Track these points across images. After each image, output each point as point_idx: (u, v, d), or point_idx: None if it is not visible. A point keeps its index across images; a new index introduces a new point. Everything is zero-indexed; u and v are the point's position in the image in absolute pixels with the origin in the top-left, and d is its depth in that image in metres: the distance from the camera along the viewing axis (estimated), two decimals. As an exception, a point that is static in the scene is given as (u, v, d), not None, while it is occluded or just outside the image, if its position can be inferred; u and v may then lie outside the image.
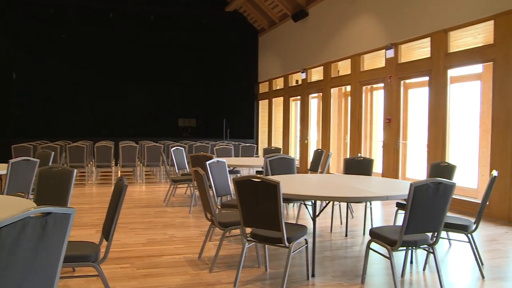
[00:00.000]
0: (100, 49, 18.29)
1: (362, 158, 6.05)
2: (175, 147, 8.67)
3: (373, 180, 4.93)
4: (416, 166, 8.90)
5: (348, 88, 10.89)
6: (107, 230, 3.02)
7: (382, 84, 9.36)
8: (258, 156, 12.34)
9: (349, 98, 10.75)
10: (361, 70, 10.13)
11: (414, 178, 8.36)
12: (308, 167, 8.55)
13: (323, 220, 6.18)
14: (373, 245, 3.73)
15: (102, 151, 10.03)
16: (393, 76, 8.91)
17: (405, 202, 3.32)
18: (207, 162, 4.91)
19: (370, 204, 5.83)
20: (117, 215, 2.96)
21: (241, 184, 3.42)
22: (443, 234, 4.60)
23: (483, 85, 7.28)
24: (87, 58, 18.18)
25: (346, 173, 5.89)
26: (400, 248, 3.39)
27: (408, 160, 8.99)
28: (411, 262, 4.29)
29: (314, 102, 13.04)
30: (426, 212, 3.29)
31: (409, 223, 3.25)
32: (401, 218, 3.41)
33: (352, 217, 6.45)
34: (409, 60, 8.61)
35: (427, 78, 7.99)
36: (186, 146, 10.59)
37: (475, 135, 7.45)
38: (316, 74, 12.62)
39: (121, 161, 10.20)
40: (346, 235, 5.46)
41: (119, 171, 11.40)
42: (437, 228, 3.41)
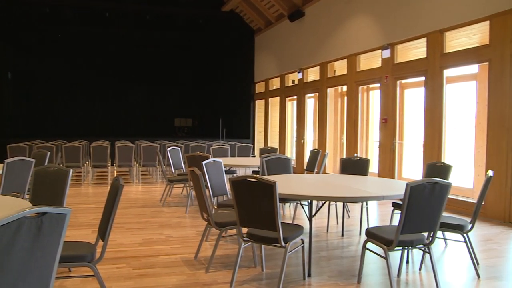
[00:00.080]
0: (96, 49, 18.23)
1: (358, 158, 6.06)
2: (172, 147, 8.67)
3: (369, 180, 4.94)
4: (412, 166, 8.92)
5: (345, 88, 10.90)
6: (103, 230, 3.01)
7: (378, 84, 9.38)
8: (255, 156, 12.34)
9: (346, 98, 10.76)
10: (357, 70, 10.15)
11: (410, 178, 8.38)
12: (305, 167, 8.56)
13: (320, 220, 6.19)
14: (369, 245, 3.74)
15: (98, 151, 10.01)
16: (389, 76, 8.93)
17: (401, 202, 3.33)
18: (204, 162, 4.92)
19: (366, 204, 5.83)
20: (113, 215, 2.96)
21: (238, 184, 3.42)
22: (439, 234, 4.62)
23: (479, 85, 7.31)
24: (83, 58, 18.12)
25: (342, 173, 5.90)
26: (396, 248, 3.40)
27: (404, 160, 9.02)
28: (407, 262, 4.30)
29: (311, 102, 13.06)
30: (422, 212, 3.30)
31: (405, 223, 3.26)
32: (397, 218, 3.42)
33: (348, 217, 6.46)
34: (405, 60, 8.63)
35: (423, 78, 8.02)
36: (183, 146, 10.58)
37: (471, 135, 7.48)
38: (313, 74, 12.63)
39: (117, 161, 10.18)
40: (343, 235, 5.47)
41: (115, 171, 11.38)
42: (433, 228, 3.42)
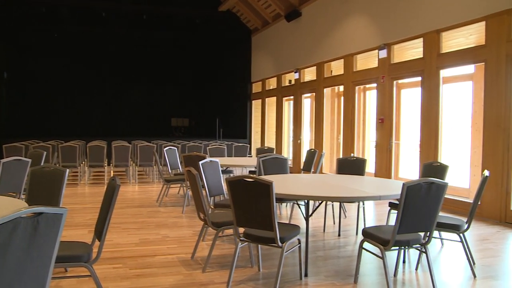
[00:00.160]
0: (93, 49, 18.18)
1: (355, 158, 6.07)
2: (168, 147, 8.66)
3: (366, 180, 4.95)
4: (409, 166, 8.94)
5: (341, 88, 10.92)
6: (100, 230, 3.01)
7: (375, 84, 9.40)
8: (251, 156, 12.35)
9: (342, 98, 10.78)
10: (354, 70, 10.16)
11: (407, 178, 8.40)
12: (301, 167, 8.57)
13: (316, 220, 6.19)
14: (366, 245, 3.74)
15: (95, 151, 9.98)
16: (386, 76, 8.95)
17: (398, 202, 3.34)
18: (200, 162, 4.91)
19: (363, 204, 5.84)
20: (110, 215, 2.95)
21: (234, 184, 3.42)
22: (436, 234, 4.63)
23: (475, 86, 7.34)
24: (80, 58, 18.07)
25: (339, 173, 5.91)
26: (393, 248, 3.40)
27: (401, 160, 9.03)
28: (404, 262, 4.31)
29: (307, 102, 13.06)
30: (419, 212, 3.31)
31: (402, 223, 3.26)
32: (394, 218, 3.43)
33: (345, 217, 6.47)
34: (402, 61, 8.65)
35: (420, 78, 8.03)
36: (179, 146, 10.57)
37: (467, 135, 7.50)
38: (309, 74, 12.64)
39: (114, 161, 10.15)
40: (339, 235, 5.48)
41: (112, 171, 11.35)
42: (430, 228, 3.43)
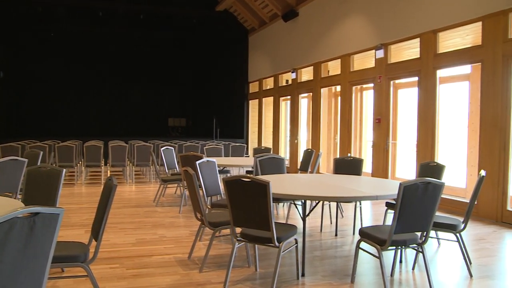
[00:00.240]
0: (89, 48, 18.15)
1: (352, 158, 6.08)
2: (165, 147, 8.65)
3: (363, 180, 4.96)
4: (406, 166, 8.96)
5: (338, 88, 10.93)
6: (96, 230, 3.00)
7: (372, 84, 9.41)
8: (248, 156, 12.33)
9: (339, 98, 10.78)
10: (351, 70, 10.17)
11: (404, 178, 8.41)
12: (298, 167, 8.57)
13: (313, 220, 6.19)
14: (363, 245, 3.75)
15: (92, 151, 9.96)
16: (383, 76, 8.96)
17: (395, 202, 3.34)
18: (197, 162, 4.91)
19: (360, 204, 5.85)
20: (107, 215, 2.94)
21: (231, 184, 3.42)
22: (432, 234, 4.64)
23: (472, 86, 7.36)
24: (76, 57, 18.04)
25: (336, 173, 5.91)
26: (390, 248, 3.41)
27: (398, 160, 9.05)
28: (401, 262, 4.31)
29: (304, 102, 13.07)
30: (415, 212, 3.31)
31: (398, 223, 3.27)
32: (391, 218, 3.43)
33: (342, 217, 6.48)
34: (399, 61, 8.66)
35: (417, 79, 8.05)
36: (176, 146, 10.55)
37: (464, 135, 7.52)
38: (306, 74, 12.65)
39: (111, 161, 10.13)
40: (336, 235, 5.48)
41: (109, 171, 11.33)
42: (426, 228, 3.43)
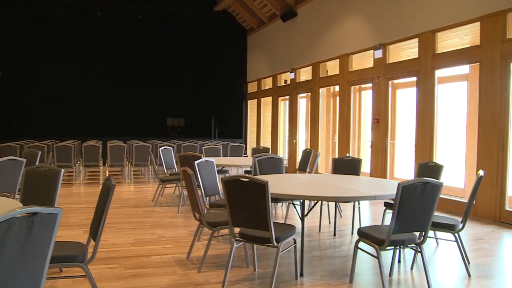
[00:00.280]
0: (88, 48, 18.14)
1: (351, 158, 6.08)
2: (164, 147, 8.64)
3: (361, 180, 4.96)
4: (404, 166, 8.97)
5: (337, 88, 10.93)
6: (95, 230, 3.00)
7: (371, 84, 9.41)
8: (247, 156, 12.34)
9: (338, 98, 10.79)
10: (350, 70, 10.18)
11: (402, 178, 8.42)
12: (297, 167, 8.57)
13: (312, 220, 6.20)
14: (361, 245, 3.75)
15: (90, 151, 9.95)
16: (381, 76, 8.97)
17: (393, 202, 3.35)
18: (196, 162, 4.90)
19: (359, 204, 5.86)
20: (105, 215, 2.94)
21: (230, 184, 3.42)
22: (431, 234, 4.65)
23: (470, 86, 7.37)
24: (75, 57, 18.02)
25: (335, 173, 5.91)
26: (388, 248, 3.41)
27: (396, 160, 9.06)
28: (399, 261, 4.32)
29: (303, 102, 13.08)
30: (414, 212, 3.32)
31: (397, 223, 3.27)
32: (389, 218, 3.43)
33: (341, 217, 6.47)
34: (397, 61, 8.67)
35: (415, 79, 8.06)
36: (175, 146, 10.55)
37: (462, 135, 7.53)
38: (305, 74, 12.65)
39: (109, 161, 10.12)
40: (335, 235, 5.49)
41: (107, 171, 11.32)
42: (425, 228, 3.44)
